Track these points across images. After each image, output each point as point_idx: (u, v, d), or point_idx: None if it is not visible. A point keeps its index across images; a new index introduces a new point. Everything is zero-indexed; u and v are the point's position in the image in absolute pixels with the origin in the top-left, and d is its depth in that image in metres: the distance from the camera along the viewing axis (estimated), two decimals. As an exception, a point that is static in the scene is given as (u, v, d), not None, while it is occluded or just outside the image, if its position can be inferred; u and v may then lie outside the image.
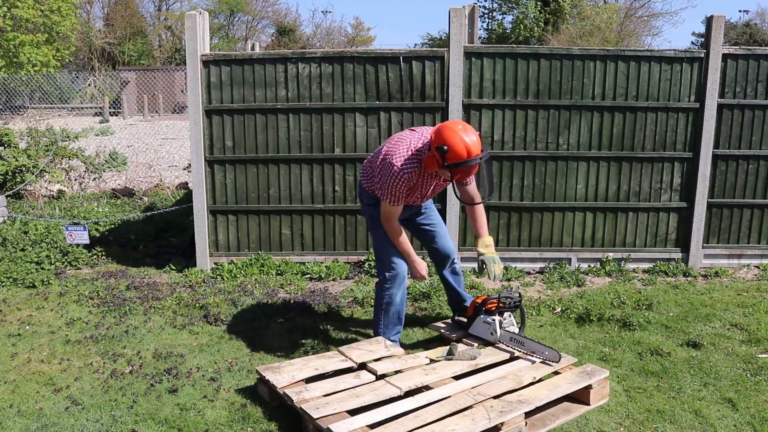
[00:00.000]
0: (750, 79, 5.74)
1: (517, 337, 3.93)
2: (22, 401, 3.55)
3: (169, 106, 30.40)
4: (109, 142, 14.45)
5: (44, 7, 27.64)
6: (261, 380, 3.58)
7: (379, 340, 3.97)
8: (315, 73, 5.70)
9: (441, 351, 3.85)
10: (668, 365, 3.98)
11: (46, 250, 6.11)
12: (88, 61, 37.59)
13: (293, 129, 5.79)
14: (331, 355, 3.81)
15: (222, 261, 5.94)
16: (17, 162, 8.69)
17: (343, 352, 3.80)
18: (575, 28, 26.98)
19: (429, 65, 5.64)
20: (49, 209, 8.16)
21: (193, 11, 5.75)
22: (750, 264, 6.08)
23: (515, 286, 5.51)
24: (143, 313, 4.86)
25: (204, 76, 5.70)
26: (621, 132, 5.79)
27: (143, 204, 8.86)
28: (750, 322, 4.64)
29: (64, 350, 4.22)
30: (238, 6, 42.78)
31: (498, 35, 31.97)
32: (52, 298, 5.20)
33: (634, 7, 31.57)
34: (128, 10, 39.02)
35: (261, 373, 3.56)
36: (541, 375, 3.55)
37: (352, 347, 3.87)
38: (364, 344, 3.93)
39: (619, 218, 5.94)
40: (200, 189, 5.83)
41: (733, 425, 3.33)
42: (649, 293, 5.27)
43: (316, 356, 3.82)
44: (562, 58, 5.66)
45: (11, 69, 26.49)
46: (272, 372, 3.54)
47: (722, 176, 5.90)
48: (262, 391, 3.59)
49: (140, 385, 3.72)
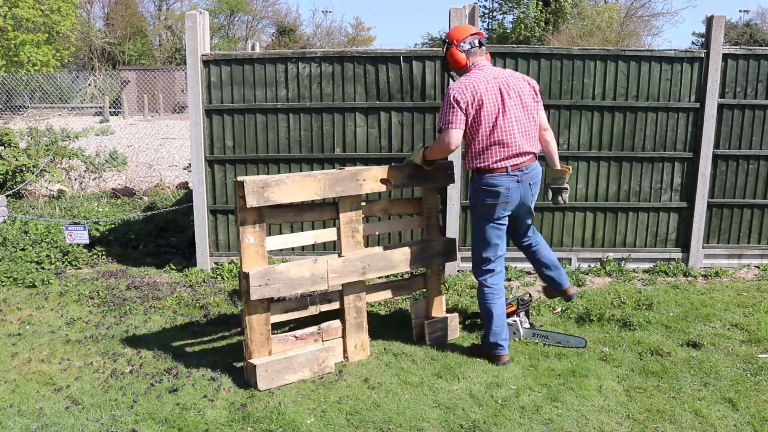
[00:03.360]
0: (750, 79, 5.74)
1: (539, 332, 4.27)
2: (22, 401, 3.55)
3: (170, 106, 30.41)
4: (110, 141, 14.44)
5: (45, 6, 27.64)
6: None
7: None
8: (315, 72, 5.70)
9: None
10: (668, 365, 3.98)
11: (47, 249, 6.11)
12: (89, 60, 37.61)
13: (293, 129, 5.79)
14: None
15: (222, 261, 5.94)
16: (17, 162, 8.68)
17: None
18: (576, 28, 26.99)
19: (429, 65, 5.64)
20: (49, 209, 8.16)
21: (193, 11, 5.75)
22: (750, 264, 6.08)
23: (515, 285, 5.51)
24: (143, 313, 4.86)
25: (204, 76, 5.70)
26: (621, 132, 5.79)
27: (143, 204, 8.86)
28: (750, 322, 4.64)
29: (65, 350, 4.22)
30: (238, 6, 42.80)
31: (498, 35, 31.95)
32: (52, 297, 5.21)
33: (635, 7, 31.60)
34: (128, 9, 39.04)
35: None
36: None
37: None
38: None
39: (619, 218, 5.94)
40: (200, 189, 5.83)
41: (733, 425, 3.33)
42: (649, 293, 5.27)
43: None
44: (563, 58, 5.66)
45: (11, 68, 26.49)
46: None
47: (722, 176, 5.90)
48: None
49: (140, 385, 3.72)
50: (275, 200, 3.65)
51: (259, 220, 3.65)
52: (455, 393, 3.63)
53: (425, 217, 4.33)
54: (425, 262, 4.31)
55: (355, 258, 3.97)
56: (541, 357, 4.09)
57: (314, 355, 3.83)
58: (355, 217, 3.98)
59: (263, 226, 3.67)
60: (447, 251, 4.39)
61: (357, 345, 4.07)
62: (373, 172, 4.00)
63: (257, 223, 3.65)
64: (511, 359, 4.03)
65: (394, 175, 4.07)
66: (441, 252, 4.35)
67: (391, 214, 4.30)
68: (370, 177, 3.97)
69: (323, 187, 3.80)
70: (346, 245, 3.97)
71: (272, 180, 3.64)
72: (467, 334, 4.45)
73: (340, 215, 3.93)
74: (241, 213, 3.61)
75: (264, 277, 3.64)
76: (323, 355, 3.86)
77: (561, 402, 3.54)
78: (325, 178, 3.81)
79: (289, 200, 3.71)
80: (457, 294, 5.24)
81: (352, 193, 3.92)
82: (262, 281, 3.63)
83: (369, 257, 4.02)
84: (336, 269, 3.90)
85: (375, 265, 4.05)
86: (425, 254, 4.28)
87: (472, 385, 3.71)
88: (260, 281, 3.63)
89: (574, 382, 3.74)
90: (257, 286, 3.62)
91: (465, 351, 4.17)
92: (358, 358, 4.06)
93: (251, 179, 3.58)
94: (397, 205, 4.38)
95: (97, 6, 40.68)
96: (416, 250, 4.23)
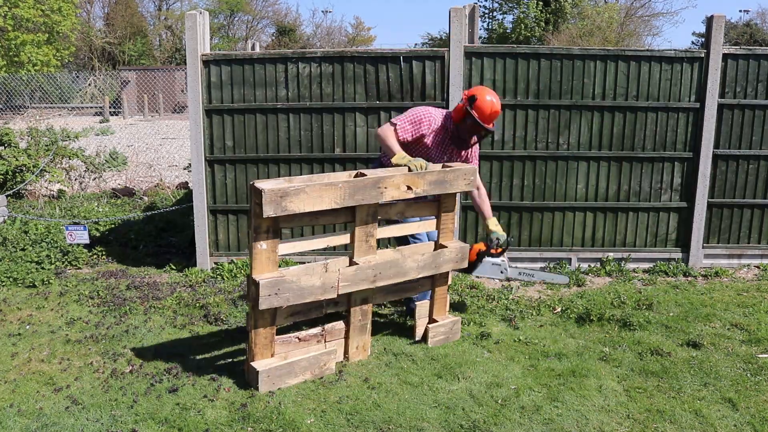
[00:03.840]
0: (750, 79, 5.74)
1: (524, 270, 4.59)
2: (22, 401, 3.55)
3: (170, 106, 30.40)
4: (110, 141, 14.45)
5: (45, 6, 27.64)
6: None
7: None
8: (315, 72, 5.70)
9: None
10: (668, 365, 3.98)
11: (47, 249, 6.11)
12: (89, 60, 37.59)
13: (293, 129, 5.79)
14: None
15: (222, 261, 5.94)
16: (17, 162, 8.68)
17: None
18: (576, 28, 26.99)
19: (429, 65, 5.64)
20: (50, 209, 8.16)
21: (193, 11, 5.75)
22: (750, 264, 6.08)
23: (515, 286, 5.51)
24: (143, 313, 4.86)
25: (204, 76, 5.70)
26: (621, 132, 5.79)
27: (143, 203, 8.86)
28: (750, 322, 4.64)
29: (65, 350, 4.22)
30: (238, 6, 42.76)
31: (498, 35, 31.96)
32: (52, 297, 5.21)
33: (635, 7, 31.61)
34: (128, 9, 39.01)
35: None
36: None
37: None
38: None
39: (619, 218, 5.94)
40: (200, 189, 5.83)
41: (733, 425, 3.33)
42: (649, 293, 5.27)
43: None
44: (563, 58, 5.66)
45: (12, 69, 26.49)
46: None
47: (722, 176, 5.90)
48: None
49: (140, 385, 3.72)
50: (293, 210, 3.51)
51: (274, 227, 3.54)
52: (455, 393, 3.63)
53: (440, 221, 4.23)
54: (437, 268, 4.19)
55: (367, 266, 3.86)
56: (541, 357, 4.09)
57: (316, 358, 3.80)
58: (371, 223, 3.89)
59: (277, 232, 3.57)
60: (459, 258, 4.27)
61: (359, 346, 4.06)
62: (396, 180, 3.85)
63: (271, 230, 3.54)
64: (511, 359, 4.03)
65: (416, 183, 3.93)
66: (453, 259, 4.24)
67: (407, 217, 4.20)
68: (391, 184, 3.83)
69: (343, 195, 3.66)
70: (359, 250, 3.88)
71: (291, 189, 3.47)
72: (468, 335, 4.45)
73: (357, 221, 3.83)
74: (256, 220, 3.48)
75: (274, 286, 3.54)
76: (325, 358, 3.84)
77: (561, 402, 3.54)
78: (346, 186, 3.66)
79: (308, 209, 3.57)
80: (457, 294, 5.25)
81: (372, 201, 3.80)
82: (272, 290, 3.54)
83: (381, 265, 3.91)
84: (347, 278, 3.80)
85: (386, 273, 3.94)
86: (437, 260, 4.17)
87: (472, 385, 3.71)
88: (270, 290, 3.53)
89: (574, 382, 3.74)
90: (266, 296, 3.52)
91: (465, 351, 4.17)
92: (358, 358, 4.06)
93: (270, 188, 3.41)
94: (414, 208, 4.21)
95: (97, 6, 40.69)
96: (428, 257, 4.13)
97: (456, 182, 4.12)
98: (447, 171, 4.06)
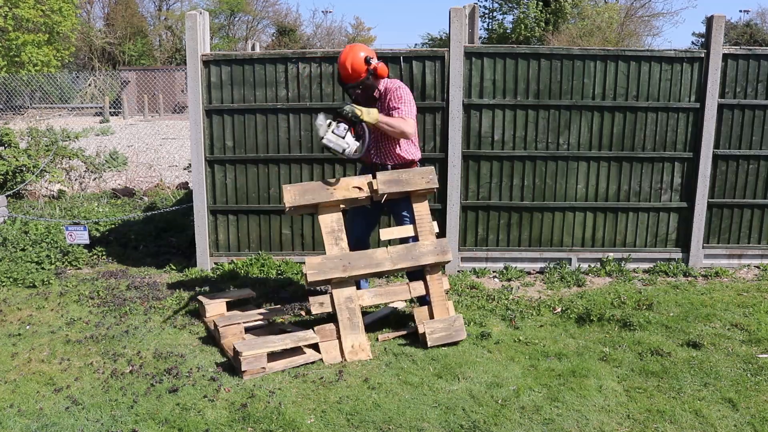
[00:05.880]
0: (750, 79, 5.74)
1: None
2: (22, 401, 3.55)
3: (170, 106, 30.41)
4: (110, 141, 14.46)
5: (45, 7, 27.63)
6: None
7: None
8: (315, 72, 5.70)
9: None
10: (668, 365, 3.98)
11: (47, 249, 6.11)
12: (89, 61, 37.58)
13: (293, 129, 5.79)
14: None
15: (222, 261, 5.94)
16: (17, 162, 8.69)
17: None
18: (576, 28, 26.98)
19: (429, 65, 5.64)
20: (50, 209, 8.16)
21: (193, 11, 5.75)
22: (750, 264, 6.08)
23: (515, 285, 5.51)
24: (143, 313, 4.86)
25: (204, 76, 5.70)
26: (621, 132, 5.79)
27: (143, 204, 8.86)
28: (750, 322, 4.64)
29: (65, 350, 4.22)
30: (238, 6, 42.75)
31: (498, 35, 31.94)
32: (52, 297, 5.21)
33: (635, 7, 31.57)
34: (128, 10, 39.01)
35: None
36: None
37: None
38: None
39: (619, 218, 5.94)
40: (200, 189, 5.83)
41: (734, 425, 3.33)
42: (649, 293, 5.27)
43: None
44: (563, 58, 5.66)
45: (12, 69, 26.48)
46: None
47: (722, 176, 5.90)
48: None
49: (140, 385, 3.72)
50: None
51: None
52: (455, 393, 3.64)
53: (416, 224, 4.46)
54: (414, 260, 4.35)
55: (336, 257, 4.25)
56: (541, 357, 4.09)
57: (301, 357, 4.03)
58: (338, 224, 4.34)
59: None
60: (439, 250, 4.39)
61: (354, 345, 4.08)
62: (343, 182, 4.39)
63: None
64: (511, 359, 4.03)
65: (364, 183, 4.41)
66: (431, 251, 4.37)
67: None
68: (340, 186, 4.36)
69: (293, 197, 4.28)
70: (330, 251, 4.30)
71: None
72: (468, 335, 4.44)
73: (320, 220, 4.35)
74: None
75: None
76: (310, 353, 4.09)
77: (561, 402, 3.54)
78: (294, 189, 4.29)
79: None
80: (457, 294, 5.25)
81: (325, 200, 4.33)
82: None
83: (349, 255, 4.28)
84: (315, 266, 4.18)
85: (356, 263, 4.26)
86: (412, 253, 4.35)
87: (472, 385, 3.71)
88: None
89: (574, 382, 3.74)
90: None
91: (465, 351, 4.17)
92: (357, 358, 4.06)
93: None
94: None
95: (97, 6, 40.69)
96: (401, 249, 4.37)
97: (414, 180, 4.47)
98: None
